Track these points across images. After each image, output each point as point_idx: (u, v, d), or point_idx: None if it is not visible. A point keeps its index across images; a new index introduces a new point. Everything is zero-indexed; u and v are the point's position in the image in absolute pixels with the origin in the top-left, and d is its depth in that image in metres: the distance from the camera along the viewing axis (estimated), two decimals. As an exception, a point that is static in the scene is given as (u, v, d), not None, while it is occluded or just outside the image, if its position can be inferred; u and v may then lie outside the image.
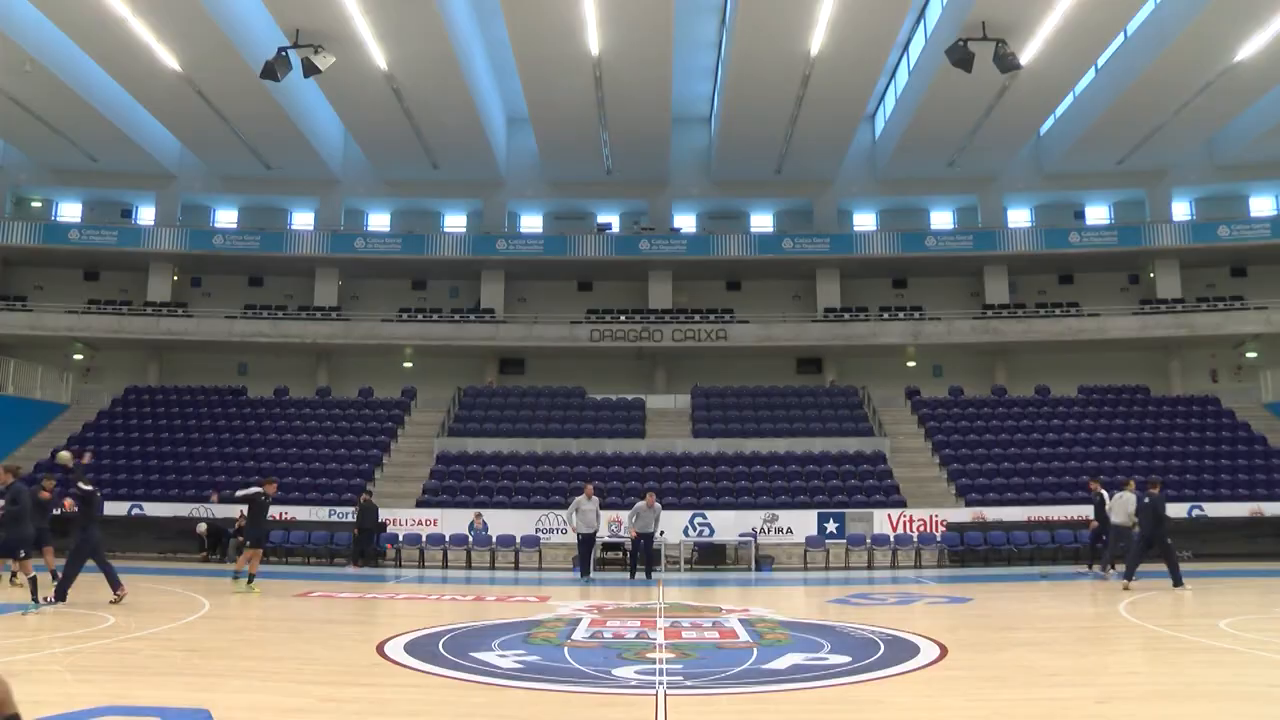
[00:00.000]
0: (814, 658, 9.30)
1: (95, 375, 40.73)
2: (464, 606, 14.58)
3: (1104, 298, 40.63)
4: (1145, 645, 10.30)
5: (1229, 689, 7.82)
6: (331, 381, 39.77)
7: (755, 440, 32.26)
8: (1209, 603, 14.93)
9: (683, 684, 7.89)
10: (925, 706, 7.15)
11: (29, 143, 38.28)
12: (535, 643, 10.42)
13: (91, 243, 39.86)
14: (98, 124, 35.66)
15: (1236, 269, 40.73)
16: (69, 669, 8.34)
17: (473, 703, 7.27)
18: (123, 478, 30.00)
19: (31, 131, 36.51)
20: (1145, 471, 29.44)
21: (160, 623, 11.78)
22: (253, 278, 42.36)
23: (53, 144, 37.76)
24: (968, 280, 41.55)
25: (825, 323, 39.57)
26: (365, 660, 9.19)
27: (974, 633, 11.81)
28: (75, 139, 37.30)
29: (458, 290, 42.29)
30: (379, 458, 31.89)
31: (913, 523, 26.95)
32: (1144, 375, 38.70)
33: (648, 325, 38.81)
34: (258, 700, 7.21)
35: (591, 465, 30.22)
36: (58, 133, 36.57)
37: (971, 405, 35.38)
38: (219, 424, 33.98)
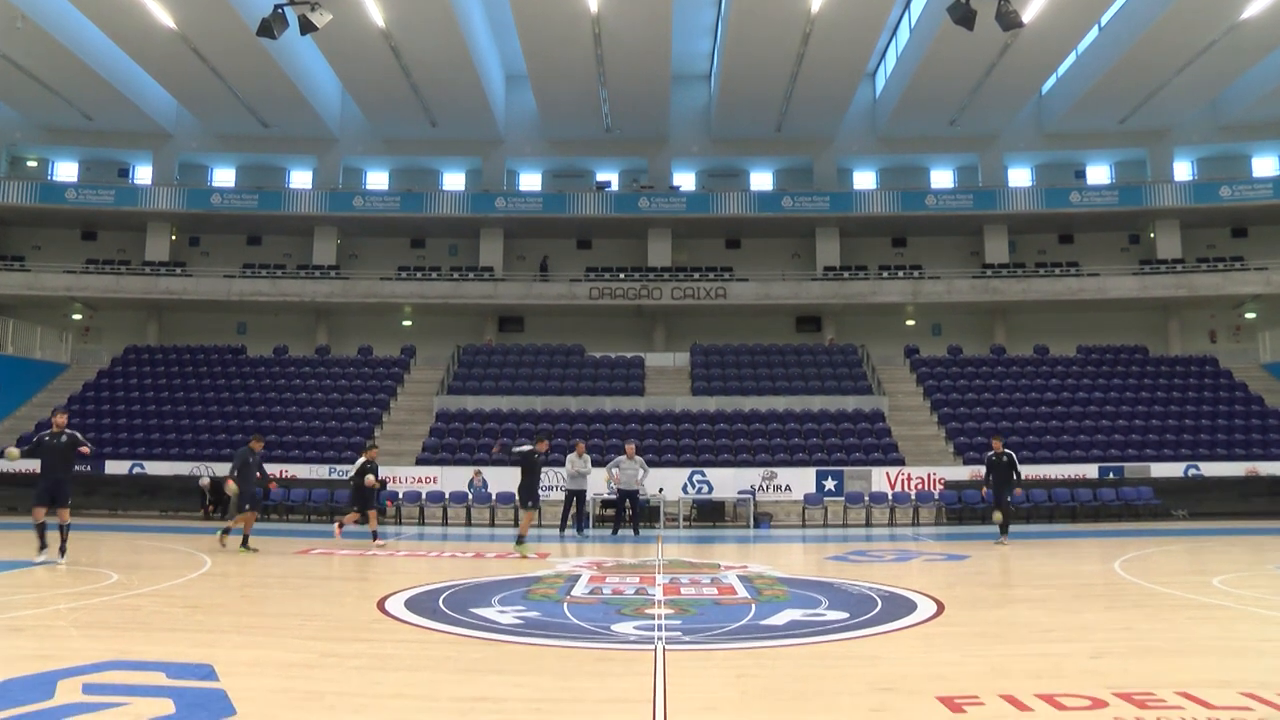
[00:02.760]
0: (812, 614, 9.37)
1: (94, 335, 40.73)
2: (464, 563, 14.67)
3: (1104, 258, 40.59)
4: (1139, 602, 10.38)
5: (1220, 644, 7.91)
6: (331, 340, 39.79)
7: (754, 398, 32.31)
8: (1203, 561, 15.03)
9: (681, 639, 7.96)
10: (922, 661, 7.21)
11: (23, 101, 38.04)
12: (535, 599, 10.49)
13: (89, 202, 39.73)
14: (92, 82, 35.44)
15: (1237, 230, 40.64)
16: (74, 624, 8.41)
17: (472, 658, 7.33)
18: (123, 437, 30.06)
19: (25, 90, 36.28)
20: (1143, 431, 29.60)
21: (163, 580, 11.86)
22: (251, 237, 42.25)
23: (47, 102, 37.55)
24: (967, 239, 41.46)
25: (825, 281, 39.53)
26: (366, 616, 9.26)
27: (970, 590, 11.89)
28: (70, 97, 37.08)
29: (457, 249, 42.19)
30: (378, 416, 31.95)
31: (911, 481, 27.06)
32: (1143, 335, 38.75)
33: (647, 283, 38.75)
34: (260, 655, 7.28)
35: (590, 423, 30.29)
36: (52, 91, 36.36)
37: (970, 364, 35.41)
38: (219, 383, 34.03)
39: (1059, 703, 5.72)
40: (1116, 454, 28.66)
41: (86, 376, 35.24)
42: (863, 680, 6.47)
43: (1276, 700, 5.75)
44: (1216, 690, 5.98)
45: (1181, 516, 25.92)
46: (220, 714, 5.44)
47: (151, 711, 5.44)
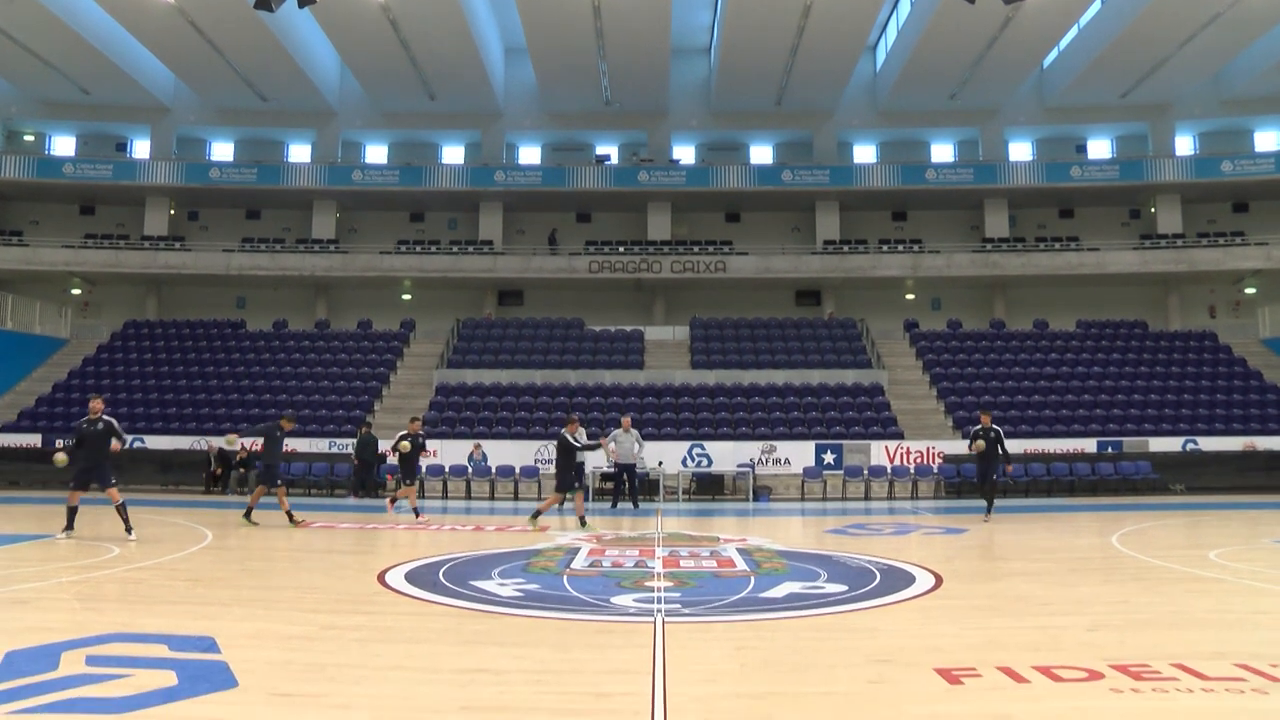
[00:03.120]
0: (811, 586, 9.42)
1: (94, 310, 40.70)
2: (463, 536, 14.72)
3: (1104, 232, 40.51)
4: (1136, 575, 10.43)
5: (1215, 617, 7.96)
6: (330, 314, 39.77)
7: (753, 372, 32.35)
8: (1199, 534, 15.08)
9: (680, 612, 8.00)
10: (920, 634, 7.25)
11: (18, 74, 37.84)
12: (534, 571, 10.54)
13: (86, 177, 39.59)
14: (88, 55, 35.27)
15: (1238, 204, 40.54)
16: (77, 597, 8.46)
17: (472, 630, 7.37)
18: (123, 411, 30.05)
19: (20, 63, 36.10)
20: (1142, 406, 29.63)
21: (164, 553, 11.91)
22: (250, 211, 42.15)
23: (43, 76, 37.37)
24: (967, 214, 41.38)
25: (824, 255, 39.48)
26: (366, 589, 9.31)
27: (969, 563, 11.94)
28: (66, 71, 36.91)
29: (456, 222, 42.11)
30: (378, 390, 31.99)
31: (910, 454, 27.13)
32: (1142, 310, 38.74)
33: (646, 257, 38.70)
34: (261, 628, 7.32)
35: (590, 396, 30.32)
36: (47, 65, 36.18)
37: (970, 338, 35.43)
38: (218, 357, 34.05)
39: (1056, 674, 5.76)
40: (1115, 428, 28.72)
41: (86, 351, 35.25)
42: (861, 652, 6.51)
43: (1269, 671, 5.80)
44: (1211, 662, 6.02)
45: (1179, 491, 26.01)
46: (222, 685, 5.47)
47: (154, 683, 5.47)
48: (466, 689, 5.53)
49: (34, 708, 4.99)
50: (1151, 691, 5.38)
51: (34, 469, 27.38)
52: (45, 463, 27.17)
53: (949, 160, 42.27)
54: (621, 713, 5.02)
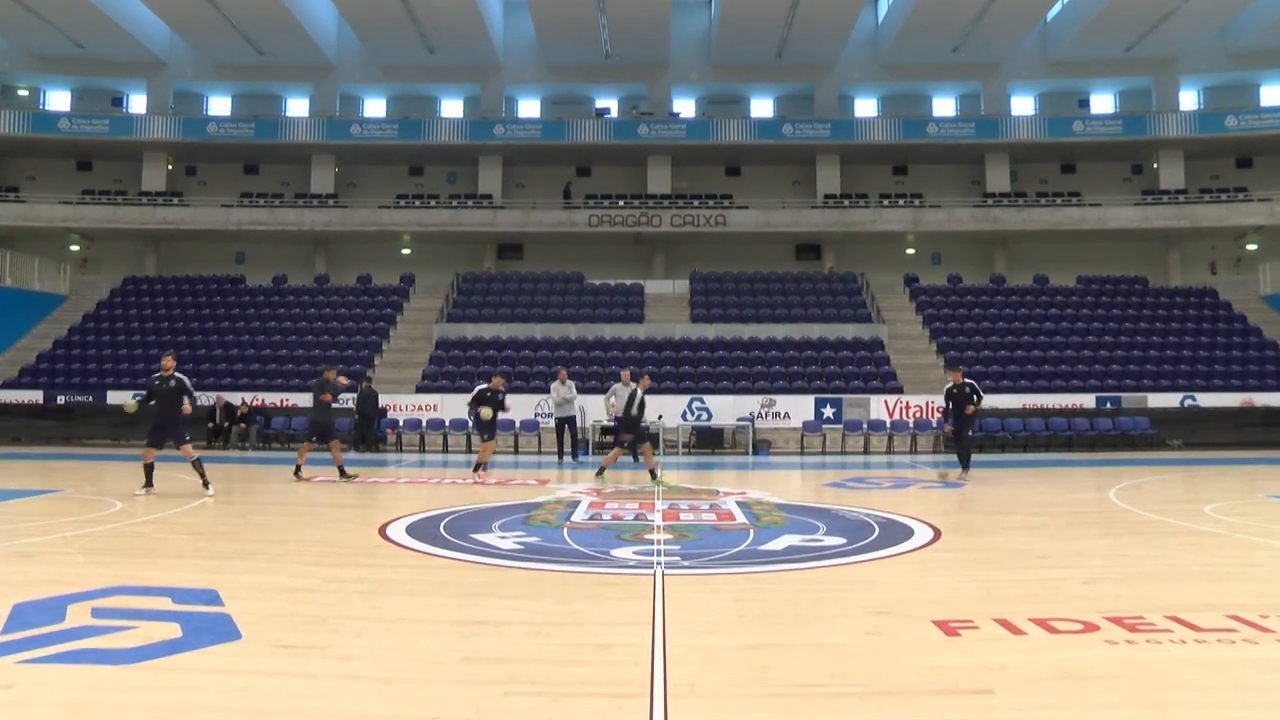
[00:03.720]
0: (810, 539, 9.48)
1: (92, 266, 40.64)
2: (464, 490, 14.79)
3: (1105, 188, 40.34)
4: (1132, 529, 10.50)
5: (1209, 570, 8.04)
6: (330, 269, 39.69)
7: (753, 326, 32.35)
8: (1196, 489, 15.15)
9: (680, 564, 8.06)
10: (918, 586, 7.31)
11: (11, 27, 37.50)
12: (535, 524, 10.60)
13: (83, 132, 39.34)
14: (82, 8, 34.96)
15: (1242, 160, 40.32)
16: (81, 551, 8.51)
17: (473, 582, 7.43)
18: (124, 367, 30.14)
19: (13, 15, 35.76)
20: (1141, 362, 29.66)
21: (166, 508, 11.97)
22: (248, 166, 41.95)
23: (36, 29, 37.03)
24: (969, 168, 41.19)
25: (825, 209, 39.34)
26: (367, 542, 9.36)
27: (967, 516, 12.01)
28: (60, 24, 36.57)
29: (455, 176, 41.93)
30: (378, 344, 32.01)
31: (909, 409, 27.21)
32: (1143, 266, 38.66)
33: (646, 211, 38.58)
34: (263, 581, 7.37)
35: (590, 350, 30.35)
36: (40, 18, 35.83)
37: (970, 293, 35.39)
38: (218, 313, 34.03)
39: (1052, 626, 5.82)
40: (1114, 384, 28.77)
41: (86, 307, 35.23)
42: (859, 604, 6.57)
43: (1259, 622, 5.88)
44: (1204, 613, 6.09)
45: (1176, 446, 26.10)
46: (225, 637, 5.53)
47: (159, 635, 5.53)
48: (468, 640, 5.59)
49: (42, 658, 5.06)
50: (1145, 643, 5.44)
51: (36, 425, 27.48)
52: (46, 418, 27.45)
53: (950, 114, 42.02)
54: (622, 663, 5.08)
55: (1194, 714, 4.28)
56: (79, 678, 4.75)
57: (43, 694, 4.51)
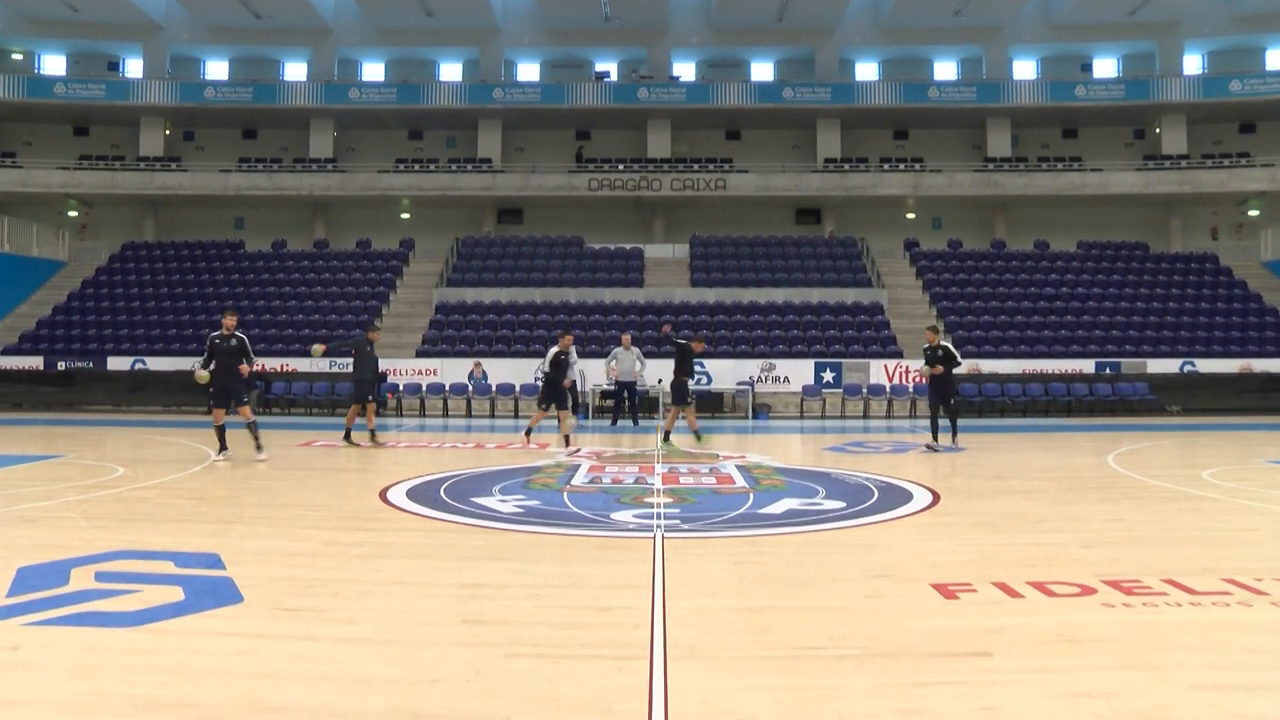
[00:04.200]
0: (809, 503, 9.52)
1: (91, 232, 40.54)
2: (465, 454, 14.83)
3: (1107, 153, 40.15)
4: (1130, 494, 10.54)
5: (1206, 534, 8.10)
6: (329, 234, 39.60)
7: (753, 290, 32.33)
8: (1194, 455, 15.20)
9: (680, 527, 8.10)
10: (917, 550, 7.36)
11: (3, -12, 37.21)
12: (535, 488, 10.64)
13: (79, 97, 39.09)
14: (75, -31, 34.67)
15: (1245, 125, 40.06)
16: (83, 516, 8.55)
17: (474, 545, 7.47)
18: (124, 333, 30.14)
19: (4, -24, 35.45)
20: (1141, 328, 29.66)
21: (168, 473, 12.01)
22: (246, 131, 41.74)
23: (29, -10, 36.73)
24: (970, 133, 40.98)
25: (825, 173, 39.20)
26: (368, 506, 9.40)
27: (966, 481, 12.06)
28: (52, -15, 36.29)
29: (455, 140, 41.75)
30: (378, 309, 31.99)
31: (909, 373, 27.22)
32: (1144, 232, 38.53)
33: (646, 175, 38.44)
34: (264, 545, 7.42)
35: (590, 314, 30.35)
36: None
37: (970, 258, 35.34)
38: (217, 278, 33.98)
39: (1049, 590, 5.86)
40: (1114, 349, 28.79)
41: (85, 274, 35.17)
42: (858, 567, 6.62)
43: (1254, 585, 5.94)
44: (1200, 577, 6.14)
45: (1175, 412, 26.15)
46: (228, 600, 5.57)
47: (162, 598, 5.57)
48: (468, 603, 5.63)
49: (47, 620, 5.10)
50: (1142, 606, 5.49)
51: (36, 391, 27.51)
52: (47, 384, 27.47)
53: (952, 79, 41.73)
54: (621, 626, 5.12)
55: (1188, 675, 4.32)
56: (83, 640, 4.79)
57: (49, 655, 4.55)
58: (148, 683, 4.16)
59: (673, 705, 3.90)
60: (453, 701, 3.97)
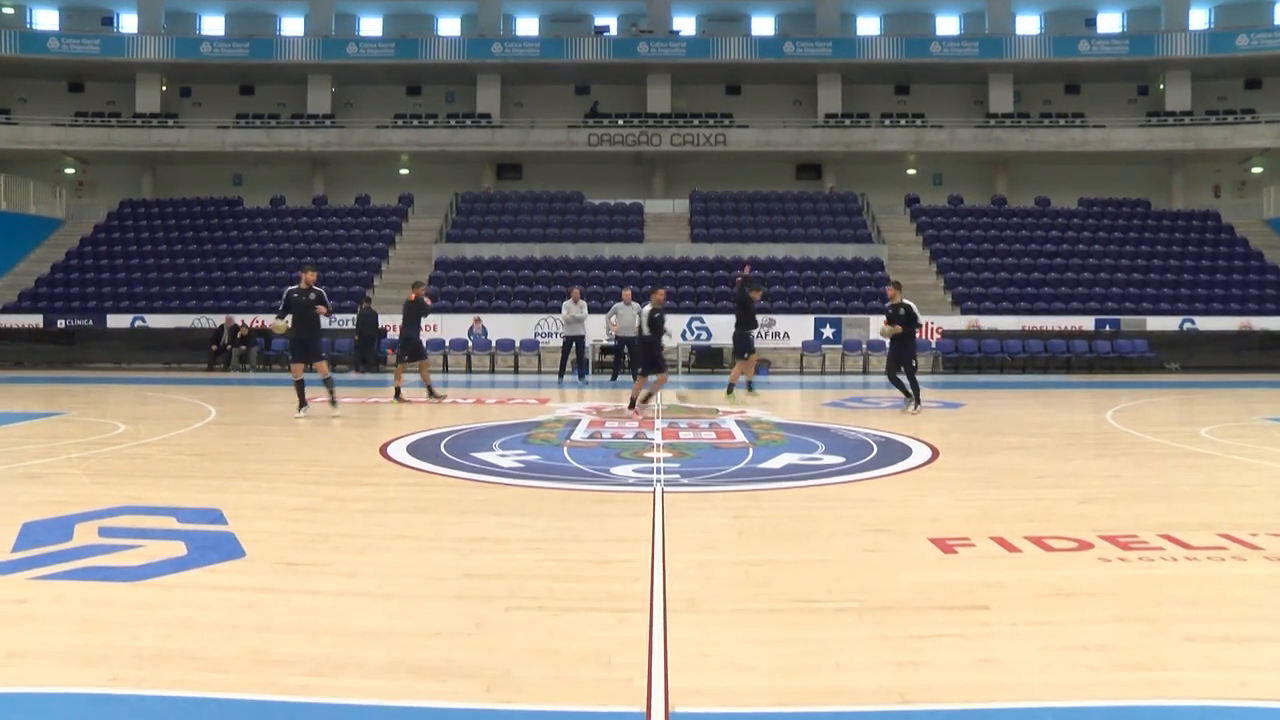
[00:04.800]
0: (808, 458, 9.56)
1: (88, 189, 40.36)
2: (464, 409, 14.86)
3: (1110, 109, 39.88)
4: (1128, 450, 10.57)
5: (1203, 490, 8.15)
6: (328, 190, 39.44)
7: (753, 245, 32.26)
8: (1192, 412, 15.24)
9: (680, 482, 8.13)
10: (916, 505, 7.39)
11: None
12: (535, 443, 10.67)
13: (73, 52, 38.75)
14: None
15: (1251, 81, 39.72)
16: (86, 472, 8.58)
17: (474, 500, 7.51)
18: (123, 291, 30.10)
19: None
20: (1141, 285, 29.62)
21: (169, 429, 12.05)
22: (243, 87, 41.44)
23: (20, -58, 36.30)
24: (972, 88, 40.70)
25: (826, 128, 38.99)
26: (369, 461, 9.43)
27: (965, 437, 12.08)
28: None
29: (453, 95, 41.48)
30: (377, 265, 31.94)
31: (907, 330, 27.17)
32: (1146, 189, 38.34)
33: (646, 130, 38.24)
34: (265, 500, 7.45)
35: (590, 270, 30.30)
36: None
37: (971, 214, 35.22)
38: (216, 235, 33.88)
39: (1047, 544, 5.89)
40: (1114, 307, 28.77)
41: (83, 231, 35.03)
42: (857, 522, 6.65)
43: (1249, 540, 5.97)
44: (1195, 532, 6.16)
45: (1174, 369, 26.16)
46: (230, 555, 5.60)
47: (165, 553, 5.60)
48: (469, 557, 5.66)
49: (52, 575, 5.13)
50: (1138, 560, 5.52)
51: (37, 349, 27.50)
52: (47, 342, 27.48)
53: (954, 33, 41.44)
54: (621, 579, 5.15)
55: (1182, 628, 4.35)
56: (89, 594, 4.83)
57: (55, 609, 4.59)
58: (152, 635, 4.19)
59: (672, 657, 3.94)
60: (453, 654, 4.00)
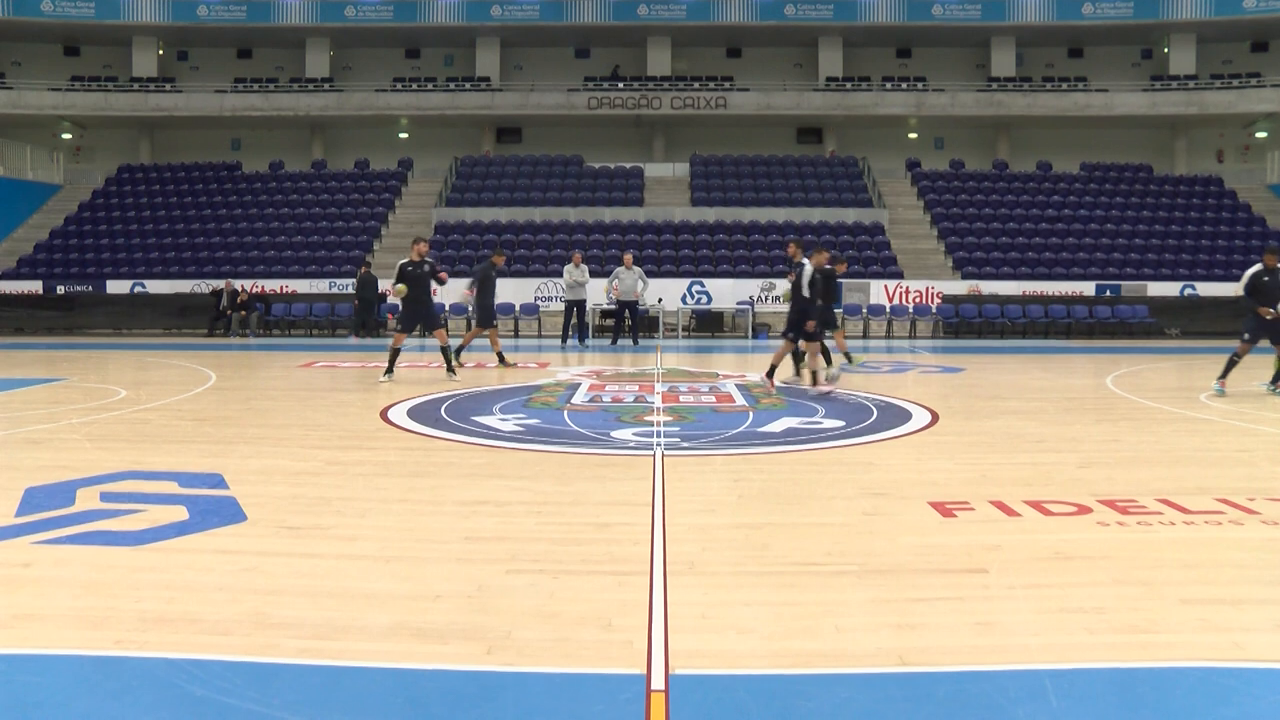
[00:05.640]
0: (808, 422, 9.58)
1: (86, 154, 40.16)
2: (465, 373, 14.87)
3: (1113, 73, 39.57)
4: (1127, 415, 10.60)
5: (1201, 455, 8.18)
6: (327, 154, 39.26)
7: (754, 209, 32.17)
8: (1192, 377, 15.26)
9: (679, 445, 8.16)
10: (915, 469, 7.42)
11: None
12: (535, 407, 10.70)
13: (67, 15, 38.35)
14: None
15: (1258, 44, 39.31)
16: (87, 438, 8.60)
17: (474, 463, 7.53)
18: (122, 256, 30.03)
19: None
20: (1142, 250, 29.53)
21: (170, 395, 12.06)
22: (241, 51, 41.13)
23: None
24: (974, 52, 40.40)
25: (827, 92, 38.75)
26: (369, 426, 9.46)
27: (965, 401, 12.11)
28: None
29: (452, 59, 41.21)
30: (377, 229, 31.85)
31: (909, 294, 27.21)
32: (1149, 154, 38.11)
33: (646, 93, 38.02)
34: (266, 464, 7.48)
35: (590, 233, 30.24)
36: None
37: (972, 179, 35.07)
38: (215, 200, 33.74)
39: (1046, 508, 5.92)
40: (1115, 272, 28.71)
41: (81, 197, 34.86)
42: (857, 485, 6.68)
43: (1246, 504, 6.02)
44: (1193, 497, 6.20)
45: (1174, 335, 26.14)
46: (231, 519, 5.63)
47: (167, 518, 5.63)
48: (469, 520, 5.69)
49: (55, 539, 5.16)
50: (1136, 524, 5.55)
51: (37, 315, 27.46)
52: (47, 308, 27.44)
53: (957, -4, 41.07)
54: (622, 542, 5.18)
55: (1178, 591, 4.39)
56: (92, 558, 4.86)
57: (59, 572, 4.62)
58: (155, 599, 4.22)
59: (672, 620, 3.97)
60: (454, 616, 4.03)
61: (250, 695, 3.26)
